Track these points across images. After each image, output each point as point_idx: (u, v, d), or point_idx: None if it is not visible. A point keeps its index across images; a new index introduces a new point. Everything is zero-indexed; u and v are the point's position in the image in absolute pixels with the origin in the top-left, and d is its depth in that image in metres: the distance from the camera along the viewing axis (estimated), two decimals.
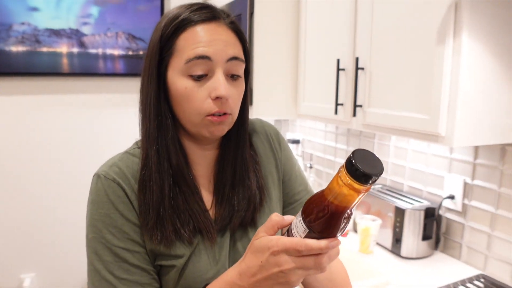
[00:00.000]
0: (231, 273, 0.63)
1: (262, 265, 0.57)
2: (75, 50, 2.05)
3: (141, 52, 2.18)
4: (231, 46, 0.70)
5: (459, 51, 1.08)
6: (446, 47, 1.10)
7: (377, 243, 1.59)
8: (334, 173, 2.11)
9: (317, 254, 0.55)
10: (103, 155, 2.39)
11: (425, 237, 1.45)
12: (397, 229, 1.48)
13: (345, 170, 0.49)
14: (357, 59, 1.41)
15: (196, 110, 0.69)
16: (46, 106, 2.06)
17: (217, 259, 0.75)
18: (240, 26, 0.75)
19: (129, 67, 2.18)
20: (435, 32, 1.12)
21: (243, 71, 0.74)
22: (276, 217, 0.60)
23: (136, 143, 0.79)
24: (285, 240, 0.55)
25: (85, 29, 2.05)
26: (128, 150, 0.77)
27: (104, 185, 0.70)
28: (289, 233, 0.59)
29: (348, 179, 0.49)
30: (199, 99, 0.68)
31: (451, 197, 1.45)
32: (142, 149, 0.73)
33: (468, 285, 1.24)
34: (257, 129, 0.87)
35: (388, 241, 1.53)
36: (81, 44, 2.06)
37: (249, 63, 0.77)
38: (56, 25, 1.98)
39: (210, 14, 0.70)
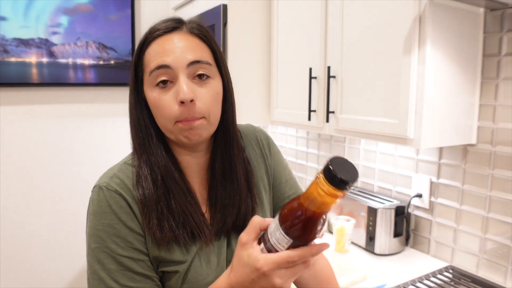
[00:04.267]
0: (221, 285, 0.65)
1: (254, 281, 0.59)
2: (45, 60, 2.01)
3: (112, 62, 2.16)
4: (190, 51, 0.72)
5: (423, 61, 1.17)
6: (412, 57, 1.19)
7: (352, 242, 1.66)
8: (307, 177, 2.19)
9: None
10: (74, 166, 2.32)
11: (396, 234, 1.54)
12: (370, 228, 1.56)
13: (323, 177, 0.51)
14: (328, 68, 1.48)
15: (166, 117, 0.72)
16: (15, 117, 2.00)
17: (217, 263, 0.77)
18: (205, 30, 0.76)
19: (100, 77, 2.16)
20: (401, 43, 1.21)
21: (215, 72, 0.75)
22: (257, 219, 0.62)
23: (133, 153, 0.80)
24: (273, 258, 0.57)
25: (55, 39, 2.02)
26: (126, 160, 0.78)
27: (106, 196, 0.72)
28: (265, 239, 0.60)
29: (326, 186, 0.51)
30: (167, 105, 0.71)
31: (419, 196, 1.55)
32: (134, 156, 0.77)
33: (439, 276, 1.33)
34: (248, 134, 0.90)
35: (362, 239, 1.61)
36: (51, 54, 2.02)
37: (222, 63, 0.78)
38: (25, 34, 1.94)
39: (173, 25, 0.74)
